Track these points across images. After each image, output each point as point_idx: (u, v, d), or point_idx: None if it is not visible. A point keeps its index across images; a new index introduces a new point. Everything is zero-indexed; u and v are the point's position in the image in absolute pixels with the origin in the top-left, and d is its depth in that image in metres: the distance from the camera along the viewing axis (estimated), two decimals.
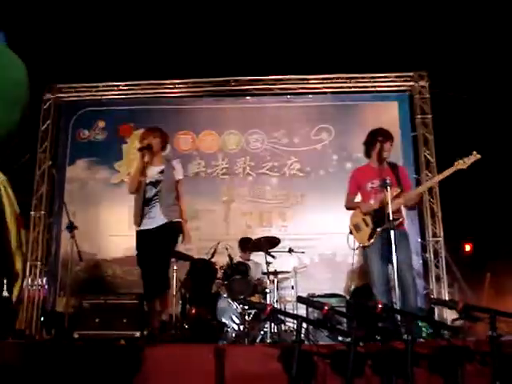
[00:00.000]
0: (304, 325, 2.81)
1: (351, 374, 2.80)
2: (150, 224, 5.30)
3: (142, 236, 5.35)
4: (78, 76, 9.40)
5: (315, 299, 5.67)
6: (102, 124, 9.46)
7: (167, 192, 5.35)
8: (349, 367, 2.81)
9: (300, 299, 2.79)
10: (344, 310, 6.13)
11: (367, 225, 5.12)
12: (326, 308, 2.63)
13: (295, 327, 2.74)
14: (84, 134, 9.47)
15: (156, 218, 5.30)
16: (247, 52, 8.62)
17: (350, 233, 5.25)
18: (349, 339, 2.76)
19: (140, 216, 5.34)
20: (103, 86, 9.70)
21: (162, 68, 9.19)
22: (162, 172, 5.40)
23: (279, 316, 2.69)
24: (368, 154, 5.40)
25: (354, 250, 5.05)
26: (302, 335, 2.78)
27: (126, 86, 9.70)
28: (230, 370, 3.44)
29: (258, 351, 3.76)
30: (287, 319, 2.90)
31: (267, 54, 8.72)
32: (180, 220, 5.41)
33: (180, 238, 5.43)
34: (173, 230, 5.34)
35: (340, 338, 3.44)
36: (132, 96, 9.69)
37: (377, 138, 5.25)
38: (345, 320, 4.93)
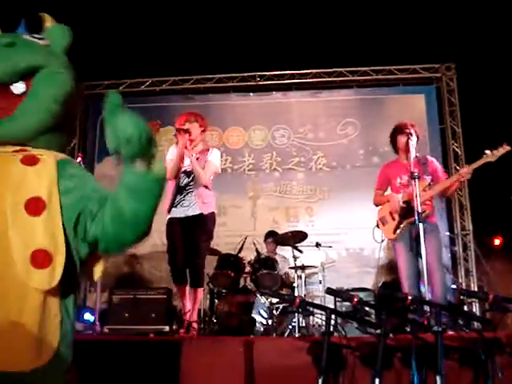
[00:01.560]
0: (333, 317, 2.81)
1: (380, 367, 2.80)
2: (182, 213, 5.25)
3: (173, 224, 5.32)
4: (105, 73, 9.47)
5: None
6: None
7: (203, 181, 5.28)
8: (378, 360, 2.81)
9: (329, 291, 2.80)
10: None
11: (394, 218, 5.10)
12: (356, 300, 2.64)
13: (324, 320, 2.75)
14: None
15: (190, 207, 5.26)
16: (272, 46, 8.58)
17: (377, 226, 5.24)
18: (378, 331, 2.76)
19: (171, 203, 5.30)
20: (131, 83, 9.76)
21: (187, 64, 9.22)
22: (197, 159, 5.34)
23: (308, 308, 2.70)
24: (395, 150, 5.39)
25: (380, 243, 5.04)
26: (331, 327, 2.79)
27: (152, 82, 9.76)
28: (259, 362, 3.46)
29: (287, 344, 3.77)
30: (316, 311, 2.91)
31: (292, 48, 8.68)
32: (214, 211, 5.38)
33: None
34: (208, 221, 5.32)
35: (369, 330, 3.44)
36: (159, 92, 9.75)
37: (402, 134, 5.22)
38: (373, 313, 4.92)
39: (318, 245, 7.24)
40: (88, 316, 7.58)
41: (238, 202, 8.99)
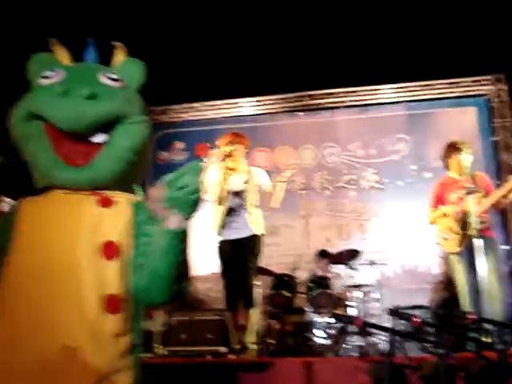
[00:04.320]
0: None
1: None
2: (234, 234, 5.28)
3: (225, 246, 5.35)
4: (153, 99, 9.67)
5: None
6: (180, 145, 9.70)
7: (252, 202, 5.31)
8: (441, 379, 2.78)
9: (391, 312, 2.79)
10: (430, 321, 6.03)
11: (455, 232, 5.04)
12: (418, 320, 2.62)
13: (382, 340, 2.74)
14: (163, 156, 9.73)
15: (241, 228, 5.28)
16: (319, 65, 8.63)
17: (438, 243, 5.19)
18: (440, 351, 2.73)
19: (222, 225, 5.34)
20: (180, 108, 9.94)
21: (234, 87, 9.32)
22: (245, 182, 5.38)
23: (369, 329, 2.70)
24: (447, 167, 5.35)
25: (441, 258, 4.99)
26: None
27: (202, 106, 9.92)
28: (319, 383, 3.46)
29: (347, 364, 3.76)
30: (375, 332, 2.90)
31: (340, 66, 8.70)
32: (264, 233, 5.40)
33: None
34: (259, 243, 5.34)
35: (430, 350, 3.39)
36: (208, 117, 9.90)
37: (454, 151, 5.18)
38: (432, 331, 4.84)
39: (372, 263, 7.18)
40: None
41: (290, 222, 8.99)
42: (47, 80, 1.88)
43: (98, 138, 1.83)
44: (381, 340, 5.88)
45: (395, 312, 2.84)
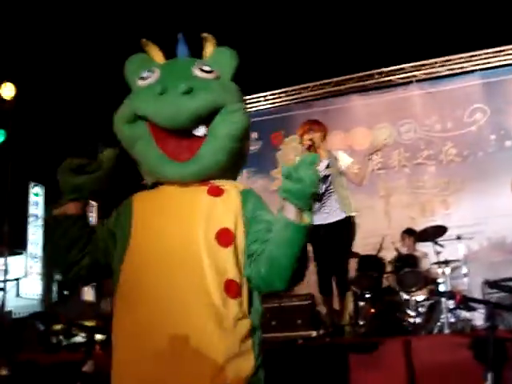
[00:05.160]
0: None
1: None
2: (324, 219, 5.31)
3: (318, 231, 5.36)
4: None
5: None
6: (254, 135, 9.80)
7: (339, 185, 5.35)
8: None
9: (490, 284, 2.78)
10: None
11: None
12: None
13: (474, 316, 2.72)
14: None
15: (332, 212, 5.29)
16: (386, 41, 8.51)
17: None
18: None
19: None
20: (250, 99, 10.03)
21: (302, 71, 9.32)
22: (327, 166, 5.40)
23: (470, 303, 2.70)
24: None
25: None
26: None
27: (271, 95, 9.98)
28: (419, 360, 3.48)
29: (445, 341, 3.76)
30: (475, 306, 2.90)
31: (407, 40, 8.56)
32: (355, 214, 5.41)
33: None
34: (352, 225, 5.36)
35: None
36: (279, 104, 9.95)
37: None
38: None
39: (458, 237, 7.05)
40: None
41: (371, 203, 8.92)
42: (145, 81, 1.95)
43: (200, 131, 1.89)
44: (474, 316, 5.82)
45: (495, 284, 2.82)
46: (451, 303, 5.86)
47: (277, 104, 10.03)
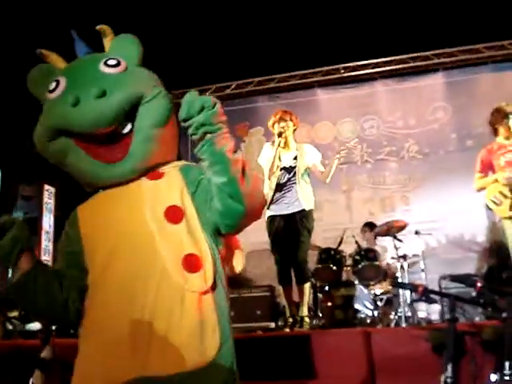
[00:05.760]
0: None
1: (508, 351, 2.76)
2: (284, 209, 5.34)
3: (275, 221, 5.40)
4: (188, 80, 9.64)
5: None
6: None
7: (302, 178, 5.37)
8: (505, 344, 2.78)
9: (452, 277, 2.80)
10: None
11: (506, 196, 5.00)
12: (479, 285, 2.62)
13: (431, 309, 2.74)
14: None
15: (291, 203, 5.35)
16: (353, 36, 8.49)
17: (488, 208, 5.15)
18: (504, 315, 2.72)
19: (271, 201, 5.37)
20: (216, 88, 9.92)
21: (269, 64, 9.26)
22: (295, 158, 5.42)
23: (430, 296, 2.71)
24: (495, 133, 5.30)
25: (498, 222, 4.96)
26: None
27: (237, 85, 9.88)
28: (379, 352, 3.50)
29: (404, 333, 3.79)
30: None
31: (373, 36, 8.56)
32: (313, 208, 5.45)
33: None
34: (310, 217, 5.39)
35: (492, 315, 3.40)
36: (245, 94, 9.87)
37: (501, 116, 5.13)
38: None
39: (417, 232, 7.13)
40: None
41: (332, 197, 8.95)
42: (54, 93, 1.86)
43: (127, 129, 1.85)
44: (430, 309, 5.90)
45: (456, 277, 2.85)
46: (408, 298, 5.95)
47: (243, 94, 9.93)
